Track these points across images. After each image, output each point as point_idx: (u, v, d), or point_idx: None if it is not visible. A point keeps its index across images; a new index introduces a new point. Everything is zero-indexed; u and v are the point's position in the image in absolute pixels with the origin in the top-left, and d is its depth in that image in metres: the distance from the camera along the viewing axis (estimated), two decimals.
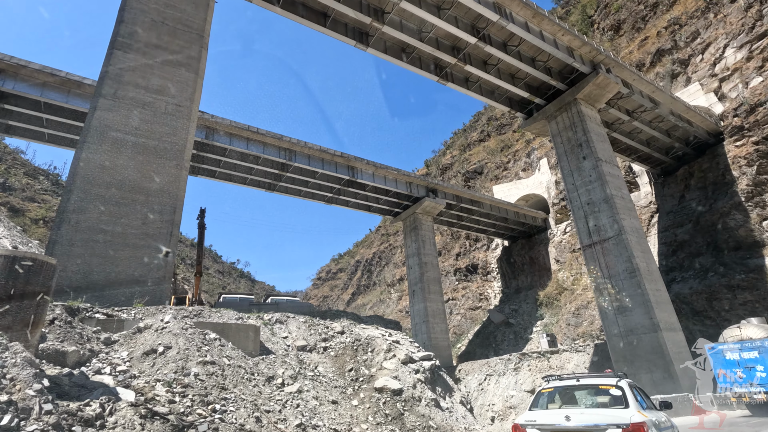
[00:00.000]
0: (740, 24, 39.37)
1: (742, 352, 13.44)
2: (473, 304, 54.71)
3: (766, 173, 32.02)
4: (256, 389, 5.82)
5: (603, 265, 24.51)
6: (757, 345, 13.32)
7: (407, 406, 7.19)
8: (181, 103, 11.24)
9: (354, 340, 9.09)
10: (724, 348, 14.51)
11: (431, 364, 9.39)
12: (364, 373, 8.14)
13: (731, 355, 14.03)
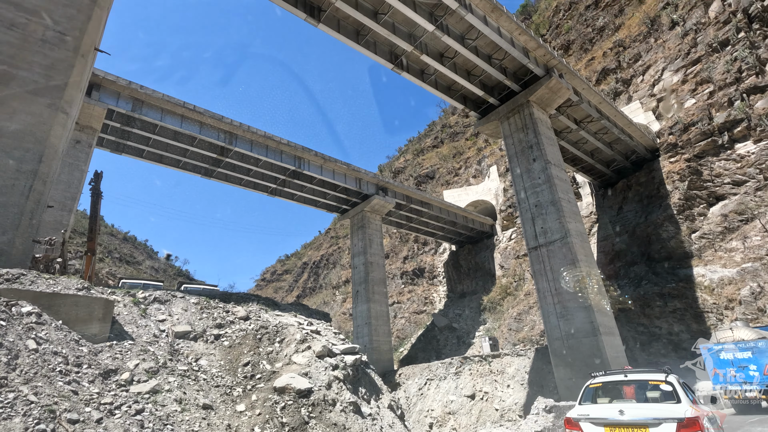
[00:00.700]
0: (677, 49, 41.88)
1: (736, 352, 13.85)
2: (418, 307, 53.93)
3: (696, 189, 33.82)
4: (69, 387, 3.96)
5: (548, 267, 24.25)
6: (751, 346, 13.81)
7: (315, 411, 5.57)
8: (67, 32, 8.90)
9: (259, 327, 7.29)
10: (719, 348, 15.01)
11: (355, 360, 7.77)
12: (265, 369, 6.38)
13: (726, 355, 14.46)
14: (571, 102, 31.61)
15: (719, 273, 28.78)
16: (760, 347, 13.85)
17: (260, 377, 6.00)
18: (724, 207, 32.34)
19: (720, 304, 27.44)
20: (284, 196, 41.30)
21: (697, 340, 19.45)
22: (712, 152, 34.49)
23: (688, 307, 28.39)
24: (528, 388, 23.88)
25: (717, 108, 35.40)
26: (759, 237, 28.80)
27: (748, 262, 28.05)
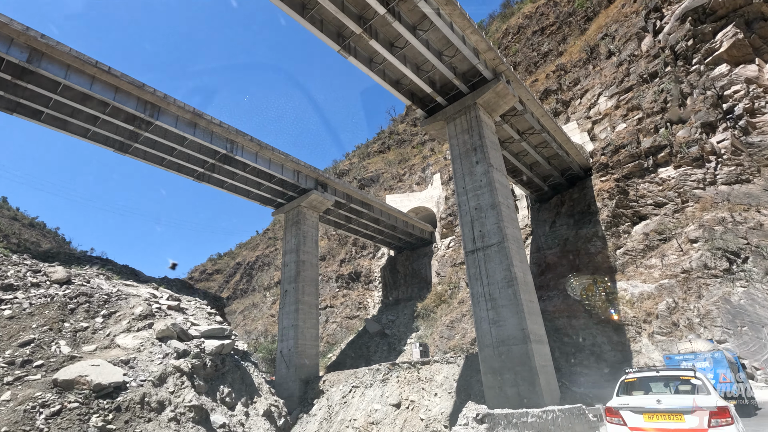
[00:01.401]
0: (612, 77, 44.41)
1: (696, 362, 15.00)
2: (351, 312, 52.00)
3: (622, 207, 35.44)
4: None
5: (483, 272, 23.58)
6: (708, 356, 15.35)
7: (120, 419, 3.72)
8: None
9: (77, 294, 5.24)
10: (680, 359, 16.47)
11: (221, 346, 5.86)
12: (58, 352, 4.39)
13: (686, 365, 15.32)
14: (516, 111, 31.82)
15: (640, 288, 29.99)
16: (716, 357, 15.42)
17: (42, 364, 4.02)
18: (646, 226, 34.10)
19: (639, 318, 28.46)
20: (213, 182, 37.77)
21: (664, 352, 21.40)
22: (638, 174, 36.47)
23: (610, 320, 29.19)
24: (455, 396, 22.84)
25: (644, 134, 37.63)
26: (675, 256, 30.48)
27: (665, 278, 29.48)
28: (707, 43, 38.63)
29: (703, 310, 26.25)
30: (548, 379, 20.91)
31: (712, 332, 25.19)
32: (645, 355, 26.78)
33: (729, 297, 26.11)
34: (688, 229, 31.09)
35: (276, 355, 35.09)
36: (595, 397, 22.28)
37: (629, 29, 45.80)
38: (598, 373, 28.09)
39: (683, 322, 26.54)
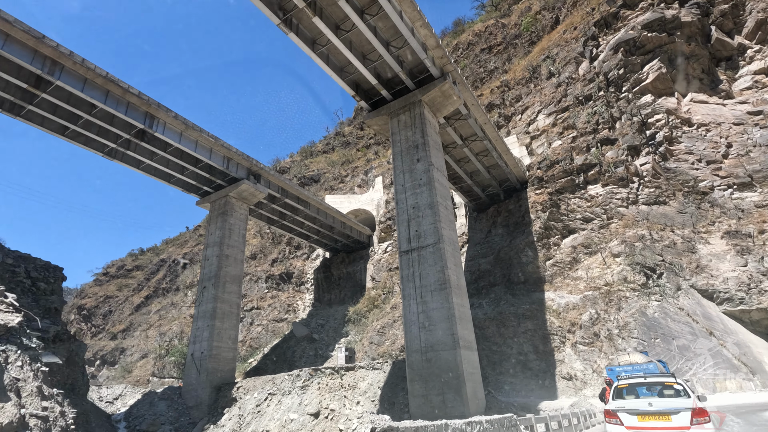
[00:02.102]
0: (551, 96, 46.25)
1: (632, 372, 16.26)
2: (279, 315, 48.93)
3: (554, 220, 36.42)
4: None
5: (417, 273, 22.47)
6: (643, 367, 16.86)
7: None
8: None
9: None
10: (618, 369, 17.87)
11: None
12: None
13: (625, 375, 16.78)
14: (460, 115, 31.54)
15: (566, 299, 30.62)
16: (650, 368, 16.90)
17: None
18: (574, 239, 35.25)
19: (564, 328, 28.93)
20: (127, 161, 33.54)
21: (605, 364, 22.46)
22: (570, 189, 37.82)
23: (537, 329, 29.42)
24: (379, 405, 21.30)
25: (577, 152, 39.25)
26: (599, 269, 31.60)
27: (589, 290, 30.36)
28: (636, 73, 41.42)
29: (622, 321, 27.15)
30: (475, 387, 20.09)
31: (629, 343, 26.05)
32: (567, 364, 27.12)
33: (645, 310, 27.27)
34: (612, 244, 32.45)
35: (187, 359, 31.47)
36: (520, 406, 21.85)
37: (569, 53, 48.16)
38: (523, 382, 28.03)
39: (604, 333, 27.27)
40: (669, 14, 41.09)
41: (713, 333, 26.09)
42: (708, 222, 32.37)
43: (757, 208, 31.56)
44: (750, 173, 33.62)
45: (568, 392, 25.67)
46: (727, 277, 27.65)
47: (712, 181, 34.80)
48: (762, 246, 28.18)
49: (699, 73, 40.80)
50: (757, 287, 26.32)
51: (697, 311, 27.15)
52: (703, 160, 36.04)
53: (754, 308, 25.98)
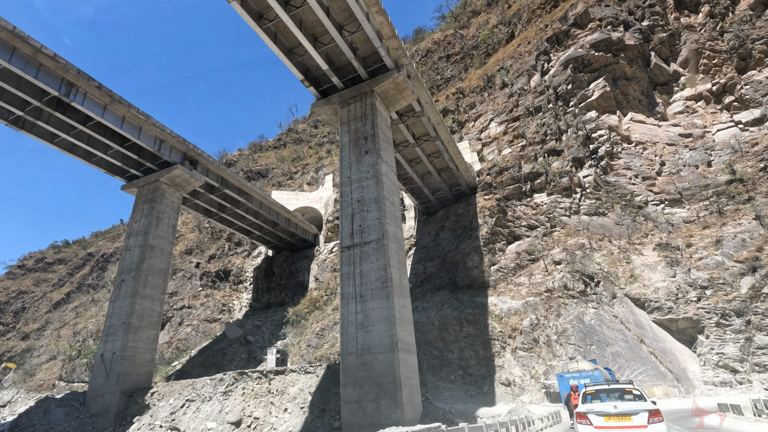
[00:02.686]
0: (504, 106, 46.99)
1: (579, 379, 17.59)
2: (212, 315, 45.46)
3: (500, 226, 36.54)
4: None
5: (358, 271, 21.06)
6: (588, 374, 18.09)
7: None
8: None
9: None
10: (569, 376, 19.08)
11: None
12: None
13: (572, 381, 18.10)
14: (414, 112, 30.74)
15: (508, 304, 30.50)
16: (594, 375, 18.03)
17: None
18: (518, 246, 35.50)
19: (505, 333, 28.69)
20: (38, 133, 29.47)
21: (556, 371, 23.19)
22: (517, 197, 38.24)
23: (479, 334, 28.98)
24: (308, 412, 19.54)
25: (526, 160, 39.88)
26: (541, 275, 31.87)
27: (531, 296, 30.45)
28: (582, 89, 43.03)
29: (560, 327, 27.30)
30: (412, 393, 18.90)
31: (566, 349, 26.17)
32: (507, 370, 26.80)
33: (582, 317, 27.63)
34: (554, 251, 32.91)
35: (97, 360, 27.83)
36: (458, 413, 20.96)
37: (522, 66, 49.33)
38: (462, 388, 27.36)
39: (543, 339, 27.27)
40: (615, 36, 43.17)
41: (644, 341, 26.85)
42: (642, 234, 33.78)
43: (685, 224, 33.36)
44: (680, 190, 35.61)
45: (506, 398, 25.25)
46: (657, 287, 28.72)
47: (647, 196, 36.53)
48: (689, 258, 29.63)
49: (638, 94, 43.12)
50: (684, 297, 27.51)
51: (629, 319, 27.90)
52: (640, 176, 37.81)
53: (680, 317, 27.09)
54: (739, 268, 27.35)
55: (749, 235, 28.95)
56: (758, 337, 24.61)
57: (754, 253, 27.45)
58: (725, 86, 39.54)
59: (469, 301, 31.77)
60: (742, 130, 37.22)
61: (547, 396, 24.66)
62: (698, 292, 27.26)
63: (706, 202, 33.76)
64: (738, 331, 25.34)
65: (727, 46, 40.75)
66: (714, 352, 25.41)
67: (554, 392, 24.76)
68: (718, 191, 33.58)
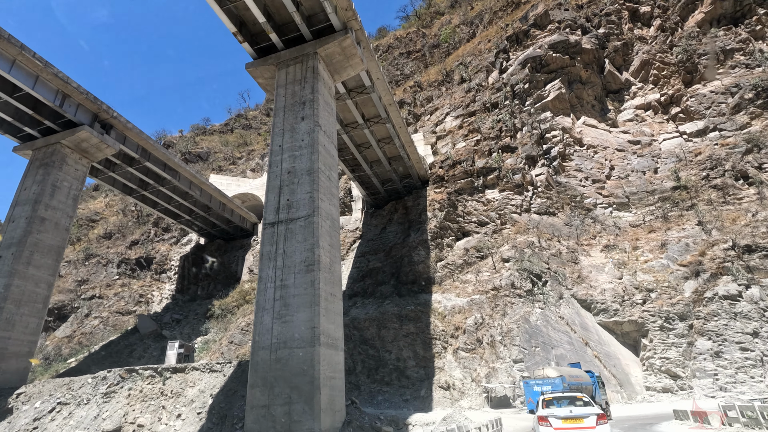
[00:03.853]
0: (461, 100, 45.57)
1: (543, 386, 18.33)
2: (126, 306, 40.04)
3: (450, 220, 34.61)
4: None
5: (281, 251, 17.90)
6: (550, 381, 18.49)
7: None
8: None
9: None
10: (533, 383, 19.22)
11: None
12: None
13: (536, 387, 18.69)
14: (364, 88, 28.07)
15: (453, 301, 28.41)
16: (555, 382, 18.35)
17: None
18: (467, 242, 33.71)
19: (448, 332, 26.50)
20: None
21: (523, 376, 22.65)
22: (469, 191, 36.57)
23: (420, 332, 26.59)
24: (206, 418, 16.04)
25: (480, 155, 38.40)
26: (489, 273, 30.12)
27: (477, 294, 28.55)
28: (539, 90, 42.45)
29: (506, 327, 25.48)
30: (333, 395, 15.97)
31: (510, 351, 24.35)
32: (447, 372, 24.55)
33: (528, 317, 26.00)
34: (503, 248, 31.36)
35: None
36: (388, 420, 18.24)
37: (481, 62, 48.31)
38: (398, 392, 24.78)
39: (487, 339, 25.32)
40: (573, 39, 43.04)
41: (589, 344, 25.62)
42: (590, 236, 33.07)
43: (631, 227, 33.03)
44: (628, 194, 35.44)
45: (445, 403, 22.95)
46: (604, 288, 27.77)
47: (596, 198, 36.10)
48: (635, 261, 29.01)
49: (592, 99, 43.22)
50: (630, 300, 26.67)
51: (575, 321, 26.65)
52: (590, 179, 37.43)
53: (626, 320, 26.17)
54: (683, 271, 26.94)
55: (692, 240, 28.79)
56: (700, 342, 24.02)
57: (697, 258, 27.17)
58: (672, 97, 40.32)
59: (412, 298, 29.38)
60: (686, 141, 37.90)
61: (488, 401, 22.61)
62: (644, 295, 26.52)
63: (652, 207, 33.70)
64: (681, 335, 24.68)
65: (676, 59, 41.73)
66: (657, 356, 24.58)
67: (496, 397, 22.79)
68: (664, 197, 33.62)
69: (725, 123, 36.32)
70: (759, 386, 21.95)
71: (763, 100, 35.06)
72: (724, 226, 28.71)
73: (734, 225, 28.36)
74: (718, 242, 27.60)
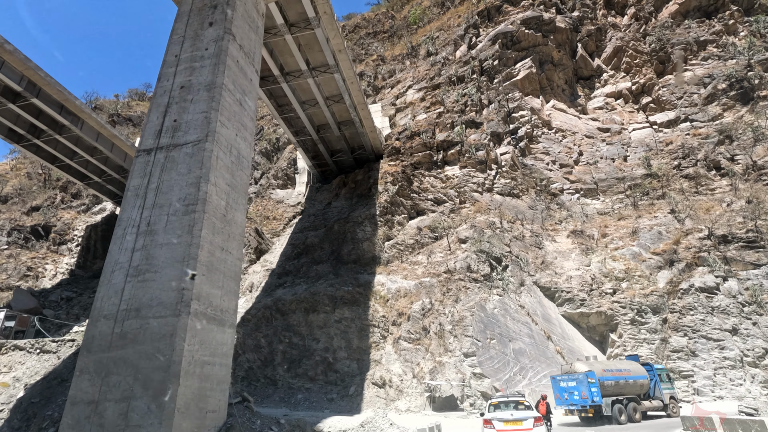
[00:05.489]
0: (425, 73, 41.66)
1: (568, 381, 17.34)
2: (7, 280, 32.84)
3: (403, 196, 30.38)
4: None
5: (153, 185, 12.82)
6: (575, 377, 17.18)
7: None
8: None
9: None
10: (560, 378, 17.81)
11: None
12: None
13: (563, 383, 17.56)
14: (307, 22, 23.25)
15: (399, 284, 24.08)
16: (580, 378, 16.93)
17: None
18: (421, 221, 29.58)
19: (389, 318, 22.11)
20: None
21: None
22: (427, 166, 32.53)
23: (356, 318, 22.03)
24: (6, 419, 10.60)
25: (441, 128, 34.47)
26: (443, 254, 26.08)
27: (427, 276, 24.36)
28: (509, 68, 39.21)
29: (457, 315, 21.39)
30: (205, 389, 11.06)
31: (462, 343, 20.26)
32: (384, 366, 20.11)
33: (485, 304, 22.06)
34: (461, 228, 27.44)
35: None
36: (293, 424, 13.46)
37: (449, 36, 44.71)
38: (324, 389, 20.08)
39: (435, 328, 21.12)
40: (546, 16, 40.20)
41: (551, 337, 22.02)
42: (555, 221, 29.86)
43: (599, 215, 30.12)
44: (596, 181, 32.64)
45: (378, 404, 18.48)
46: (570, 275, 24.39)
47: (563, 183, 33.08)
48: (604, 248, 25.91)
49: (562, 83, 40.54)
50: (599, 289, 23.37)
51: (537, 311, 23.02)
52: (557, 163, 34.43)
53: (593, 311, 22.80)
54: (656, 260, 24.01)
55: (665, 228, 26.05)
56: (674, 339, 20.96)
57: (671, 246, 24.36)
58: (644, 86, 38.26)
59: (352, 278, 24.78)
60: (656, 131, 35.80)
61: (430, 402, 18.35)
62: (614, 284, 23.32)
63: (622, 195, 31.02)
64: (653, 331, 21.56)
65: (648, 49, 39.83)
66: (627, 354, 21.29)
67: (440, 397, 18.57)
68: (634, 184, 31.02)
69: (697, 114, 34.43)
70: (739, 390, 19.05)
71: (736, 92, 33.38)
72: (697, 215, 26.20)
73: (708, 215, 25.88)
74: (693, 231, 24.96)
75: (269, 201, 36.11)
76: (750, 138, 30.36)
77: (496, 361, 19.86)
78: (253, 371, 21.00)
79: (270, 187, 37.83)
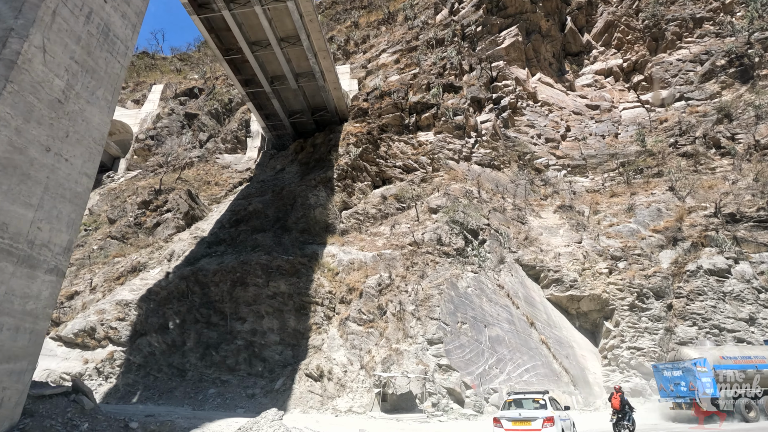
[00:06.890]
0: (401, 36, 37.55)
1: (672, 371, 15.30)
2: None
3: (367, 161, 26.02)
4: None
5: None
6: (681, 366, 15.12)
7: None
8: None
9: None
10: (663, 367, 15.86)
11: None
12: None
13: (667, 373, 15.56)
14: None
15: (353, 255, 19.67)
16: (687, 367, 15.00)
17: None
18: (387, 190, 25.27)
19: (337, 295, 17.67)
20: None
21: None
22: (397, 130, 28.29)
23: (295, 293, 17.48)
24: None
25: (416, 90, 30.28)
26: (409, 225, 21.82)
27: (389, 249, 20.02)
28: (493, 35, 35.49)
29: (422, 293, 17.13)
30: None
31: (426, 326, 15.99)
32: (326, 353, 15.61)
33: (456, 281, 17.89)
34: (432, 196, 23.28)
35: None
36: None
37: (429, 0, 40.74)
38: (245, 381, 15.43)
39: (393, 308, 16.78)
40: None
41: (535, 324, 18.06)
42: (540, 197, 26.14)
43: (588, 193, 26.60)
44: (585, 157, 29.19)
45: (311, 402, 13.99)
46: (559, 252, 20.57)
47: (549, 159, 29.49)
48: (597, 225, 22.26)
49: (550, 56, 37.14)
50: (592, 268, 19.60)
51: (519, 292, 19.05)
52: (543, 137, 30.84)
53: (586, 295, 18.98)
54: (657, 238, 20.48)
55: (665, 205, 22.66)
56: (681, 328, 17.36)
57: (674, 223, 20.92)
58: (636, 64, 35.27)
59: (297, 248, 20.19)
60: (648, 111, 32.80)
61: (380, 400, 13.96)
62: (609, 263, 19.63)
63: (613, 172, 27.63)
64: (656, 318, 17.92)
65: (642, 25, 36.96)
66: (625, 345, 17.60)
67: (394, 394, 14.22)
68: (627, 161, 27.68)
69: (693, 92, 31.56)
70: None
71: (735, 69, 30.65)
72: (699, 193, 22.94)
73: (710, 192, 22.65)
74: (697, 209, 21.64)
75: (213, 165, 31.06)
76: (752, 117, 27.54)
77: (468, 350, 15.68)
78: (155, 358, 16.10)
79: (217, 151, 32.73)
